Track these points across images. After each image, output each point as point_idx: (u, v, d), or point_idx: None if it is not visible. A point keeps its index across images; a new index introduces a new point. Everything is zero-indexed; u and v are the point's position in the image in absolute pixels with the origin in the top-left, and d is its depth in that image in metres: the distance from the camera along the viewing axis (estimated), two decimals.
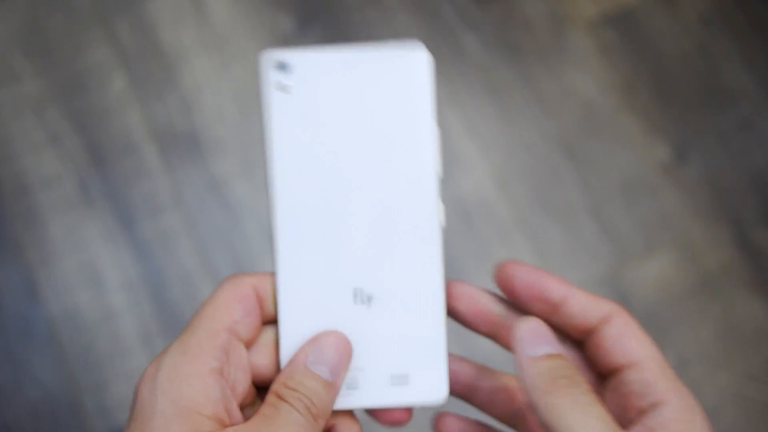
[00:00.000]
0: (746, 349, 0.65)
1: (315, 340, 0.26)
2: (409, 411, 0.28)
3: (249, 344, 0.26)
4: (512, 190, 0.67)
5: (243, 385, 0.25)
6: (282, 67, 0.26)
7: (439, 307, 0.26)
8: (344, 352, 0.26)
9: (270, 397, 0.24)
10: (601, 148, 0.69)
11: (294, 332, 0.26)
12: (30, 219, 0.65)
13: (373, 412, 0.28)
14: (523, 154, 0.68)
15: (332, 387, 0.25)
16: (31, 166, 0.66)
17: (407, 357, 0.27)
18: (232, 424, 0.24)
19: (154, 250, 0.64)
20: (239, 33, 0.70)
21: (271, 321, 0.27)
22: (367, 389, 0.26)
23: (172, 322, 0.63)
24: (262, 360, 0.26)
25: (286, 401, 0.24)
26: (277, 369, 0.26)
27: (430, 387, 0.27)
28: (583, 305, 0.26)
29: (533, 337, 0.25)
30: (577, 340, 0.27)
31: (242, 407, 0.26)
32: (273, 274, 0.27)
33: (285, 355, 0.26)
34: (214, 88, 0.68)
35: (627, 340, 0.25)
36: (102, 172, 0.66)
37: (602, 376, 0.27)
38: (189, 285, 0.64)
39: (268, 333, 0.27)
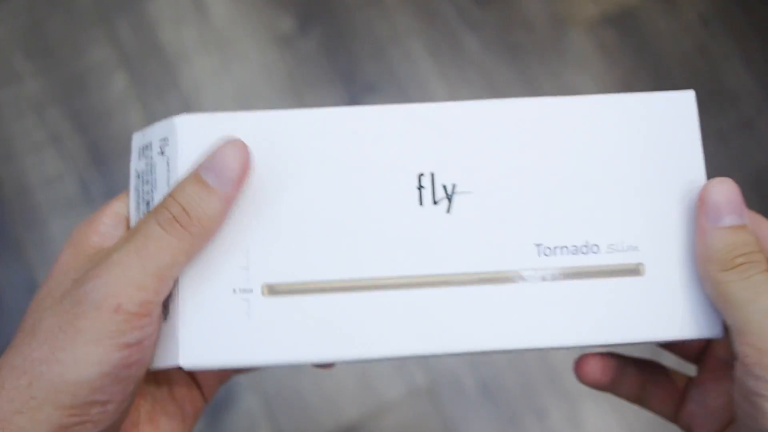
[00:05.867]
0: None
1: (209, 152, 0.24)
2: None
3: None
4: None
5: None
6: None
7: None
8: (236, 156, 0.24)
9: None
10: None
11: None
12: (31, 219, 0.65)
13: None
14: None
15: (216, 194, 0.23)
16: (32, 166, 0.66)
17: None
18: None
19: None
20: (239, 33, 0.70)
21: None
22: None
23: None
24: None
25: (157, 212, 0.23)
26: None
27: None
28: None
29: (720, 205, 0.24)
30: None
31: None
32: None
33: None
34: (215, 88, 0.68)
35: None
36: (103, 172, 0.66)
37: None
38: None
39: None
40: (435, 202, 0.26)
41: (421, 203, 0.26)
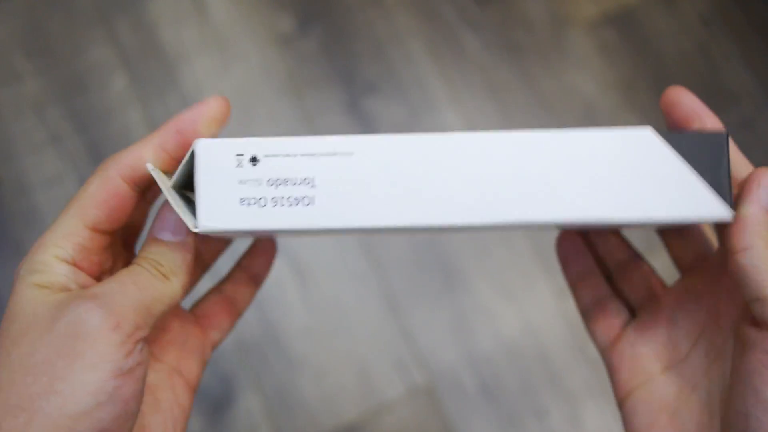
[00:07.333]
0: None
1: (155, 215, 0.27)
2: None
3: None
4: None
5: (111, 273, 0.28)
6: None
7: None
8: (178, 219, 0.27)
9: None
10: None
11: None
12: (31, 219, 0.65)
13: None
14: None
15: (176, 246, 0.27)
16: (32, 166, 0.66)
17: None
18: None
19: None
20: (239, 33, 0.70)
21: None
22: None
23: None
24: None
25: (137, 263, 0.26)
26: None
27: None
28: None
29: None
30: None
31: None
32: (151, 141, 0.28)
33: None
34: (215, 88, 0.68)
35: None
36: None
37: None
38: None
39: None
40: None
41: None
